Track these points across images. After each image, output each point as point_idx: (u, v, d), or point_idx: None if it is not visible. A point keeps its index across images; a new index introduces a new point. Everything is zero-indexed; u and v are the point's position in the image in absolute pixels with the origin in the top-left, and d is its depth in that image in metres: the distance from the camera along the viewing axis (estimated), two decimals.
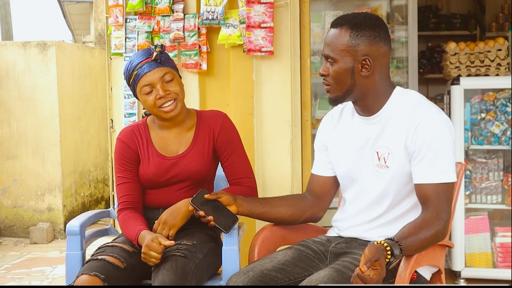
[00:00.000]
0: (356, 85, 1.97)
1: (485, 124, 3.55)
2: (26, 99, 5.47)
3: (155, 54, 2.21)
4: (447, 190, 1.91)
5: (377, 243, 1.74)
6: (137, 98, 2.28)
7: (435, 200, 1.89)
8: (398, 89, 2.04)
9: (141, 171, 2.30)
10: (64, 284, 2.26)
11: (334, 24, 2.00)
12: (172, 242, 2.06)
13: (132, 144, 2.30)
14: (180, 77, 2.31)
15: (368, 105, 2.02)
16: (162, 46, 2.25)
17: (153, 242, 2.03)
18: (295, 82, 3.06)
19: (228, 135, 2.32)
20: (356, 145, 2.07)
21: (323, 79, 2.02)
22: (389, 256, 1.73)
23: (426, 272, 2.02)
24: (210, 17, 3.01)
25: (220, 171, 2.41)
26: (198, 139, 2.30)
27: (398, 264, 1.82)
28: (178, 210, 2.19)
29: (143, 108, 2.35)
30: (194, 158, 2.28)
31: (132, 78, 2.22)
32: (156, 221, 2.20)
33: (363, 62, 1.95)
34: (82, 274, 2.02)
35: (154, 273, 2.04)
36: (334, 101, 2.05)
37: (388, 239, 1.77)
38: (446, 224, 1.88)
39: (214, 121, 2.32)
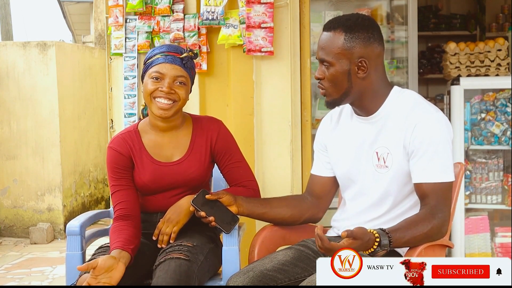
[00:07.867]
0: (353, 87, 1.97)
1: (485, 124, 3.56)
2: (26, 99, 5.47)
3: (185, 54, 2.20)
4: (445, 189, 1.91)
5: (369, 231, 1.78)
6: (142, 78, 2.24)
7: (433, 198, 1.90)
8: (395, 88, 2.04)
9: (136, 178, 2.25)
10: (64, 284, 2.26)
11: (327, 27, 1.99)
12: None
13: (124, 151, 2.24)
14: (191, 91, 2.29)
15: (366, 105, 2.03)
16: (196, 54, 2.25)
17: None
18: (295, 82, 3.06)
19: (225, 142, 2.30)
20: (355, 145, 2.07)
21: (319, 82, 2.02)
22: (376, 244, 1.76)
23: None
24: (210, 17, 3.01)
25: (219, 171, 2.40)
26: (195, 145, 2.27)
27: (385, 255, 1.82)
28: (181, 207, 2.18)
29: (142, 98, 2.27)
30: (192, 165, 2.25)
31: (152, 59, 2.20)
32: (160, 220, 2.19)
33: (359, 64, 1.95)
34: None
35: (156, 275, 2.00)
36: (331, 104, 2.05)
37: (380, 229, 1.81)
38: (442, 222, 1.89)
39: (211, 128, 2.29)
